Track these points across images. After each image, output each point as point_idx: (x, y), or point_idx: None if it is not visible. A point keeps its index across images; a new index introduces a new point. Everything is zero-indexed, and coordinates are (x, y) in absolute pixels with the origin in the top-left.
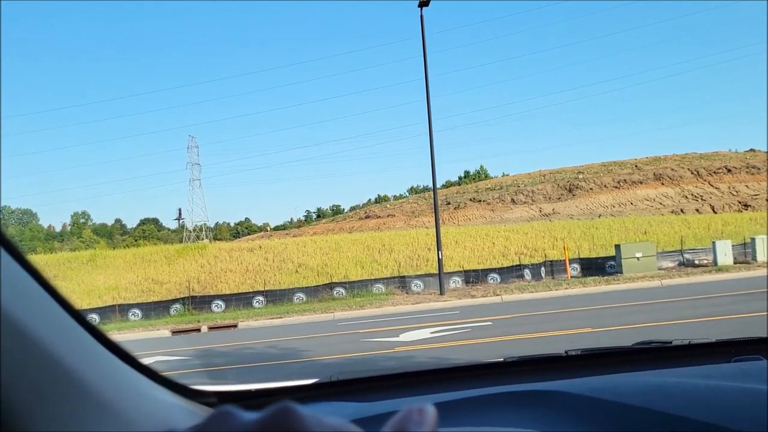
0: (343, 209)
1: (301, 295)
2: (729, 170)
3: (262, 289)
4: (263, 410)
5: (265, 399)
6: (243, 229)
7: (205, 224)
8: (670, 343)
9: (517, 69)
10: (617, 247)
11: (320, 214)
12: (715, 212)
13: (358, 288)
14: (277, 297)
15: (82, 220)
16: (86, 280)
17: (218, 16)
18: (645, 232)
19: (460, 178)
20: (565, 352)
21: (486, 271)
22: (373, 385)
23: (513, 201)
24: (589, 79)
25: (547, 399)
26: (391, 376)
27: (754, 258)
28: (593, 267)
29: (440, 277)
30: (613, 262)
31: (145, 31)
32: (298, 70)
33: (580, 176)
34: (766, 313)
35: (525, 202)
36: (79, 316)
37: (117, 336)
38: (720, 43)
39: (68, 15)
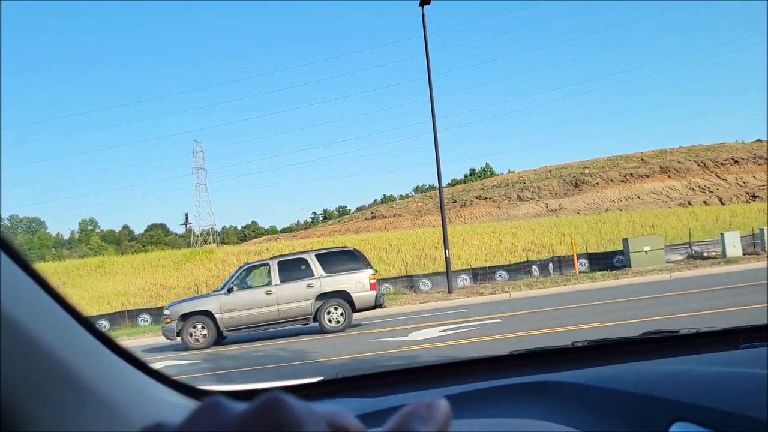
0: (350, 210)
1: None
2: (736, 161)
3: None
4: (252, 401)
5: None
6: (250, 233)
7: (212, 228)
8: (677, 332)
9: (521, 65)
10: (625, 241)
11: (326, 216)
12: (723, 204)
13: None
14: None
15: (89, 227)
16: (95, 286)
17: (221, 20)
18: (652, 226)
19: (465, 176)
20: (572, 343)
21: (494, 269)
22: (378, 381)
23: (519, 198)
24: (593, 73)
25: (554, 390)
26: (396, 371)
27: (764, 249)
28: (601, 261)
29: (448, 275)
30: (621, 256)
31: (148, 36)
32: (301, 73)
33: (586, 171)
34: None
35: (531, 199)
36: (85, 321)
37: (127, 341)
38: (724, 34)
39: (73, 21)
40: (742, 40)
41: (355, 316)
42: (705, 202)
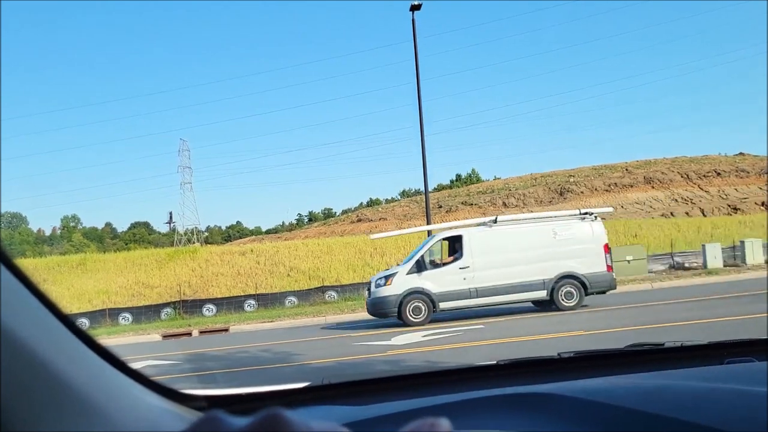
0: (335, 213)
1: (293, 298)
2: (718, 174)
3: (254, 293)
4: (252, 416)
5: (255, 403)
6: (235, 233)
7: (196, 228)
8: (663, 345)
9: (509, 72)
10: None
11: (312, 218)
12: (705, 215)
13: (350, 291)
14: (268, 301)
15: (72, 224)
16: (76, 284)
17: (209, 19)
18: (635, 236)
19: (451, 181)
20: (558, 354)
21: None
22: (365, 388)
23: (504, 204)
24: (580, 83)
25: (540, 401)
26: (383, 379)
27: (744, 261)
28: None
29: None
30: None
31: (135, 34)
32: (289, 74)
33: (571, 179)
34: (757, 316)
35: (516, 206)
36: (67, 321)
37: (107, 340)
38: (711, 47)
39: (58, 18)
40: (733, 52)
41: (339, 318)
42: (687, 213)
